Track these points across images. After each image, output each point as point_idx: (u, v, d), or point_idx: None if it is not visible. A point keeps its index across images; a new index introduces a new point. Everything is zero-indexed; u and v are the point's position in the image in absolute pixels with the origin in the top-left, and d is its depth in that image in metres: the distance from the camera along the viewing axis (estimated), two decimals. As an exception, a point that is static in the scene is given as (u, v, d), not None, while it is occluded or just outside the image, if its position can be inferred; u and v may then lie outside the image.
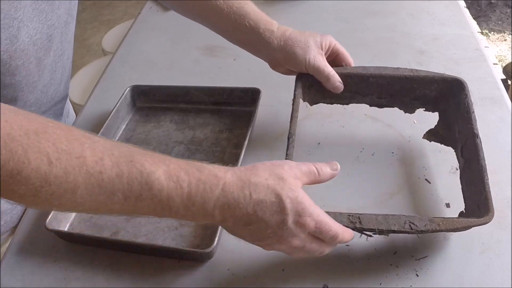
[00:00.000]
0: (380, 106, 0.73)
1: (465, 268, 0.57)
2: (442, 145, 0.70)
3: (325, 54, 0.68)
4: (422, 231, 0.52)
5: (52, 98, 0.74)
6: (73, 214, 0.68)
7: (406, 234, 0.60)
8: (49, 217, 0.63)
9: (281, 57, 0.67)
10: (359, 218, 0.52)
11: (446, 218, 0.53)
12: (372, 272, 0.57)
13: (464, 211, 0.58)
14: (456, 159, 0.65)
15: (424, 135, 0.71)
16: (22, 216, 0.71)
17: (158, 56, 1.02)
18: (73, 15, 0.70)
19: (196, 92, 0.84)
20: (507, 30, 2.58)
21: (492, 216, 0.52)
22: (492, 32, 2.57)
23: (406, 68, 0.69)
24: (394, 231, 0.53)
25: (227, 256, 0.61)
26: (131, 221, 0.66)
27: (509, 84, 1.72)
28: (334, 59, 0.70)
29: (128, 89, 0.85)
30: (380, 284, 0.56)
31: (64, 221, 0.66)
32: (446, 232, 0.54)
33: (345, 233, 0.51)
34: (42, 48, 0.63)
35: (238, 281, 0.58)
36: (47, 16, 0.61)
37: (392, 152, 0.73)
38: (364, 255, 0.59)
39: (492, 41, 2.51)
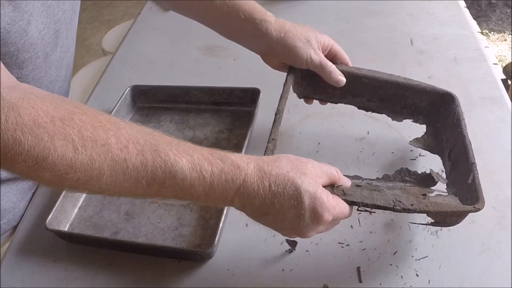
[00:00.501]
0: (368, 110, 0.72)
1: (465, 268, 0.57)
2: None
3: (323, 53, 0.68)
4: (409, 210, 0.50)
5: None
6: (73, 214, 0.68)
7: (405, 231, 0.60)
8: (49, 217, 0.63)
9: (280, 49, 0.66)
10: (343, 190, 0.51)
11: (435, 200, 0.52)
12: (372, 272, 0.57)
13: None
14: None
15: (411, 141, 0.70)
16: (23, 215, 0.71)
17: (158, 56, 1.02)
18: (77, 11, 0.71)
19: (196, 92, 0.84)
20: (507, 30, 2.58)
21: (483, 204, 0.51)
22: (492, 32, 2.57)
23: (399, 76, 0.69)
24: (379, 207, 0.51)
25: (227, 256, 0.61)
26: (131, 221, 0.66)
27: (509, 84, 1.72)
28: (331, 59, 0.69)
29: (128, 89, 0.85)
30: (380, 284, 0.56)
31: (64, 221, 0.66)
32: (435, 216, 0.53)
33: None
34: (49, 43, 0.63)
35: (238, 281, 0.58)
36: (54, 11, 0.62)
37: (392, 152, 0.73)
38: (364, 255, 0.59)
39: (492, 41, 2.50)
